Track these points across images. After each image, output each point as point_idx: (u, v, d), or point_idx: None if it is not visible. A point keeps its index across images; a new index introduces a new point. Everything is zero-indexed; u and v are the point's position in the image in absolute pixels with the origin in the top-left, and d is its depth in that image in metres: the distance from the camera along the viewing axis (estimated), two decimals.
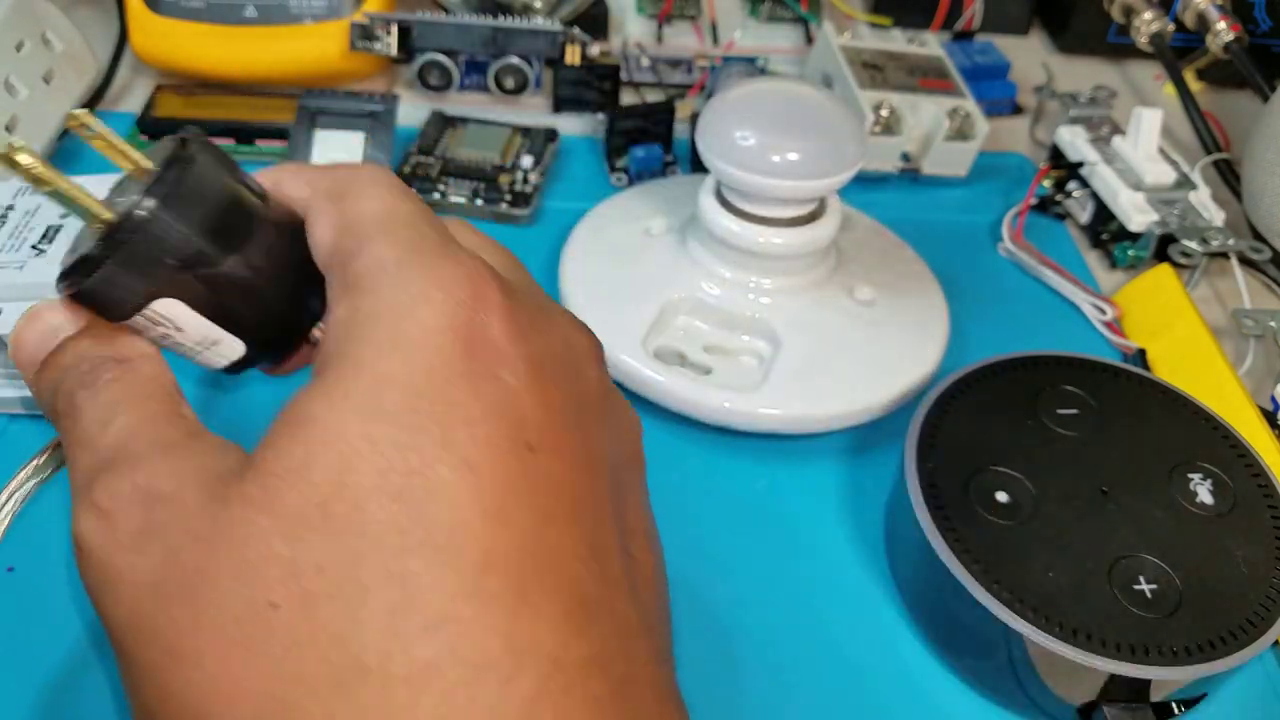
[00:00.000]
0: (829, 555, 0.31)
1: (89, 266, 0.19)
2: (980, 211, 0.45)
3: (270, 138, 0.43)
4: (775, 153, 0.32)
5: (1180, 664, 0.25)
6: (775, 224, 0.34)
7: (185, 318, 0.21)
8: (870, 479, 0.33)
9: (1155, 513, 0.28)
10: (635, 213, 0.39)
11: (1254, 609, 0.26)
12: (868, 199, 0.43)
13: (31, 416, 0.33)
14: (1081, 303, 0.41)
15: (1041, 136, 0.50)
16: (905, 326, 0.36)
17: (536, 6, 0.48)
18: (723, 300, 0.35)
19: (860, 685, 0.28)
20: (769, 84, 0.35)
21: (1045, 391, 0.31)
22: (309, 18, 0.45)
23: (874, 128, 0.44)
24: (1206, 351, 0.36)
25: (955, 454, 0.29)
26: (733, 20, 0.54)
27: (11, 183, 0.36)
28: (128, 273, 0.20)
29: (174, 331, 0.21)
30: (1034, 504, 0.28)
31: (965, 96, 0.46)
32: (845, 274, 0.36)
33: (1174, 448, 0.30)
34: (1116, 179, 0.43)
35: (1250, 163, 0.43)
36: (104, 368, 0.20)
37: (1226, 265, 0.42)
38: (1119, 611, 0.26)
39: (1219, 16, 0.48)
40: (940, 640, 0.29)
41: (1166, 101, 0.53)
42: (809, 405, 0.33)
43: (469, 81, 0.47)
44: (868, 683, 0.29)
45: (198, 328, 0.21)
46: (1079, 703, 0.26)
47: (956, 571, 0.26)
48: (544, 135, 0.45)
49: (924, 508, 0.28)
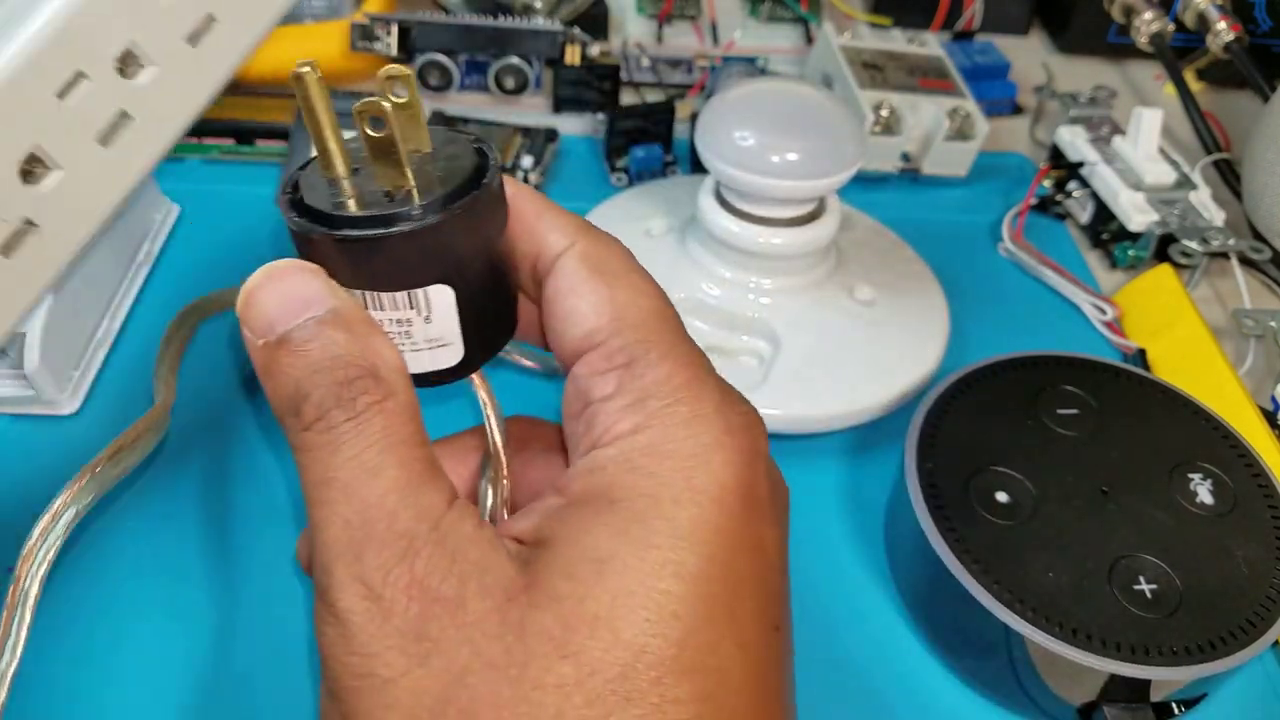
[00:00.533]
0: (829, 555, 0.31)
1: (396, 222, 0.19)
2: (980, 211, 0.45)
3: (270, 138, 0.43)
4: (775, 153, 0.32)
5: (1180, 664, 0.25)
6: (775, 224, 0.34)
7: (444, 309, 0.20)
8: (870, 479, 0.33)
9: (1155, 513, 0.28)
10: (635, 213, 0.39)
11: (1254, 609, 0.26)
12: (868, 199, 0.43)
13: (32, 416, 0.33)
14: (1081, 303, 0.41)
15: (1041, 136, 0.50)
16: (905, 326, 0.36)
17: (536, 6, 0.48)
18: (723, 300, 0.35)
19: (860, 685, 0.28)
20: (769, 84, 0.35)
21: (1045, 391, 0.31)
22: (309, 18, 0.45)
23: (874, 128, 0.44)
24: (1206, 351, 0.36)
25: (955, 454, 0.29)
26: (733, 20, 0.54)
27: None
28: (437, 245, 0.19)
29: (421, 322, 0.20)
30: (1034, 504, 0.28)
31: (965, 96, 0.46)
32: (845, 274, 0.36)
33: (1174, 448, 0.30)
34: (1116, 179, 0.43)
35: (1250, 163, 0.43)
36: (362, 384, 0.19)
37: (1226, 265, 0.42)
38: (1119, 611, 0.26)
39: (1219, 16, 0.48)
40: (940, 640, 0.29)
41: (1166, 101, 0.53)
42: (809, 405, 0.33)
43: (469, 81, 0.47)
44: (867, 682, 0.29)
45: (446, 323, 0.20)
46: (1079, 703, 0.26)
47: (956, 571, 0.26)
48: (544, 135, 0.45)
49: (924, 508, 0.28)
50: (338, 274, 0.19)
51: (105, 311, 0.35)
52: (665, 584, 0.18)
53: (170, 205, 0.40)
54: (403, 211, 0.19)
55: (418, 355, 0.21)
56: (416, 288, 0.20)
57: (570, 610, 0.17)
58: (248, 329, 0.19)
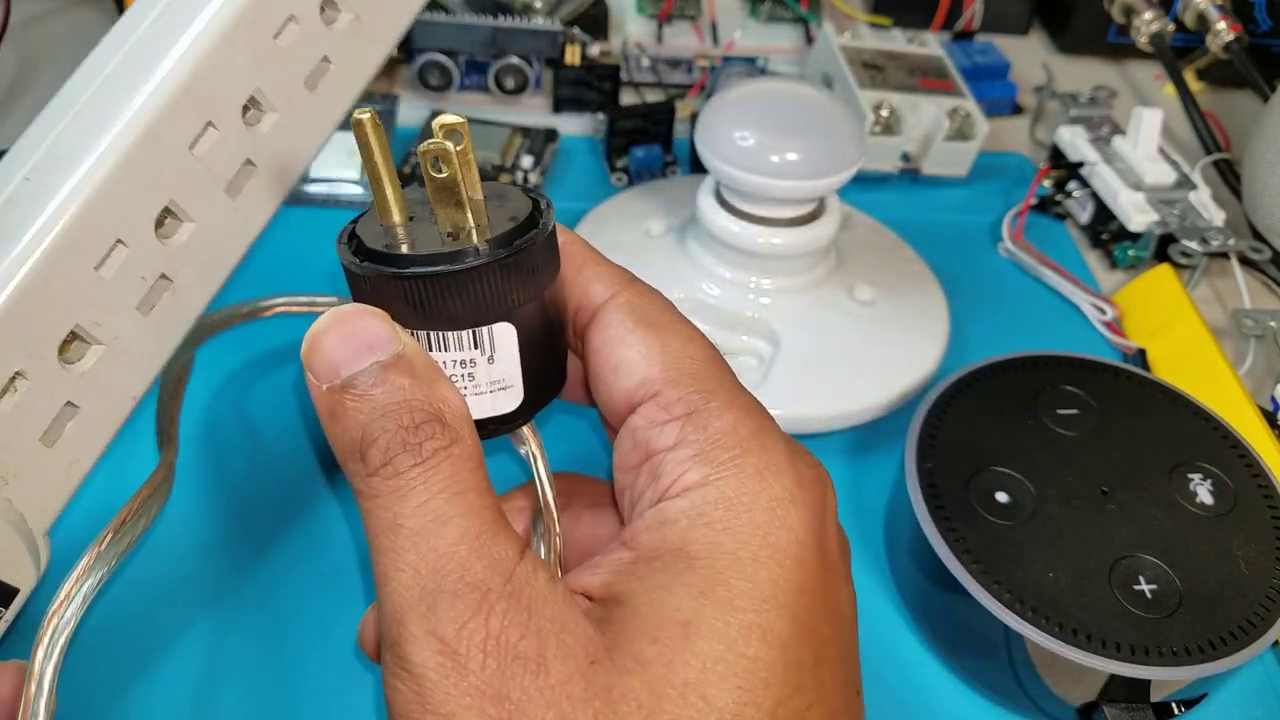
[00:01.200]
0: None
1: (461, 259, 0.19)
2: (980, 211, 0.45)
3: None
4: (775, 153, 0.32)
5: (1180, 664, 0.25)
6: (775, 224, 0.34)
7: (507, 348, 0.20)
8: (870, 479, 0.33)
9: (1155, 513, 0.28)
10: (635, 213, 0.39)
11: (1254, 609, 0.26)
12: (868, 199, 0.43)
13: None
14: (1081, 303, 0.41)
15: (1041, 136, 0.50)
16: (905, 326, 0.36)
17: (536, 6, 0.47)
18: (723, 300, 0.35)
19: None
20: (769, 84, 0.35)
21: (1045, 391, 0.31)
22: None
23: (874, 128, 0.44)
24: (1206, 351, 0.36)
25: (955, 454, 0.29)
26: (733, 20, 0.54)
27: None
28: (501, 285, 0.19)
29: (485, 363, 0.20)
30: (1034, 504, 0.28)
31: (965, 96, 0.46)
32: (845, 274, 0.36)
33: (1174, 448, 0.30)
34: (1116, 179, 0.43)
35: (1250, 163, 0.43)
36: (429, 429, 0.18)
37: (1226, 265, 0.42)
38: (1119, 611, 0.26)
39: (1219, 16, 0.48)
40: (940, 640, 0.29)
41: (1166, 101, 0.53)
42: (809, 405, 0.33)
43: (469, 81, 0.47)
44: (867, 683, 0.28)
45: (508, 363, 0.20)
46: (1079, 703, 0.26)
47: (956, 571, 0.26)
48: (544, 135, 0.45)
49: (924, 508, 0.28)
50: (401, 317, 0.19)
51: None
52: (753, 649, 0.17)
53: None
54: (469, 248, 0.19)
55: (480, 399, 0.21)
56: (481, 325, 0.20)
57: (659, 676, 0.17)
58: (311, 373, 0.19)
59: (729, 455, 0.19)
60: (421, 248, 0.19)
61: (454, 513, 0.18)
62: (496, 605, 0.17)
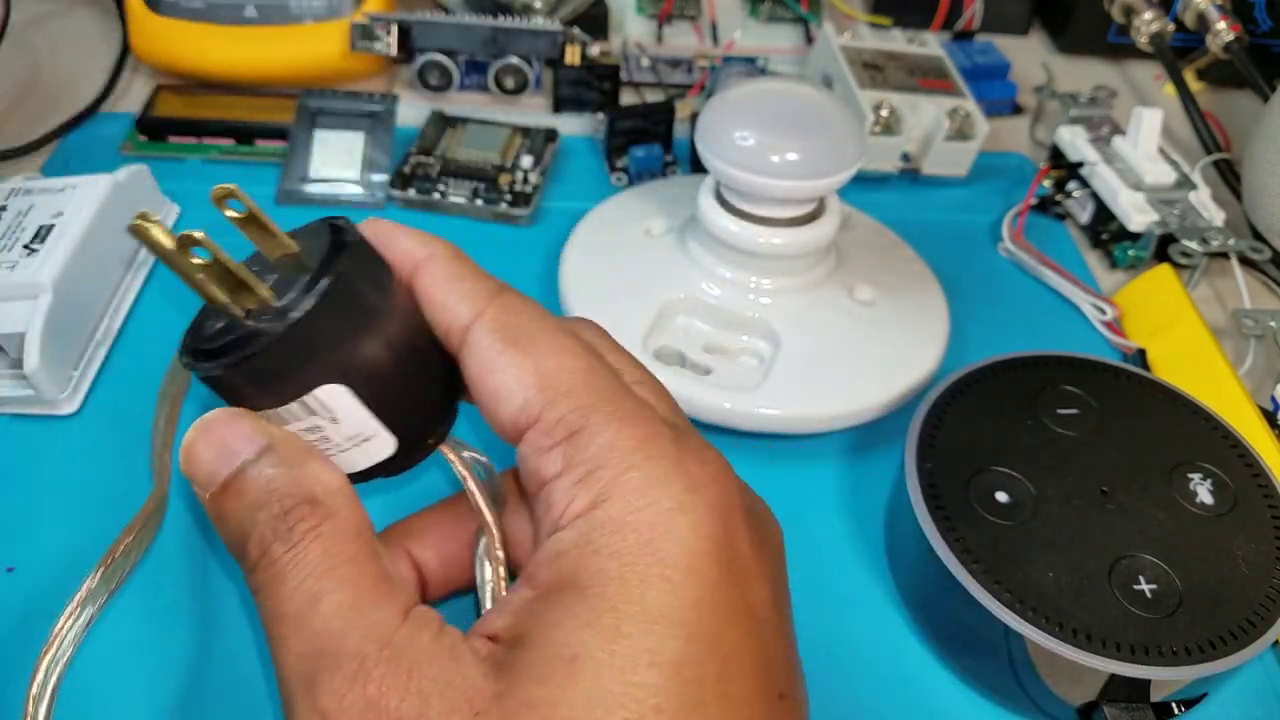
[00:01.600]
0: (829, 555, 0.31)
1: (249, 344, 0.18)
2: (980, 211, 0.45)
3: (270, 138, 0.43)
4: (775, 153, 0.32)
5: (1180, 664, 0.25)
6: (775, 224, 0.34)
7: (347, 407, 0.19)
8: (870, 479, 0.33)
9: (1155, 513, 0.28)
10: (635, 213, 0.39)
11: (1254, 609, 0.26)
12: (868, 199, 0.43)
13: (32, 416, 0.33)
14: (1081, 303, 0.41)
15: (1041, 136, 0.50)
16: (905, 326, 0.36)
17: (536, 6, 0.47)
18: (722, 300, 0.35)
19: (860, 685, 0.28)
20: (769, 84, 0.35)
21: (1045, 391, 0.31)
22: (309, 18, 0.45)
23: (874, 128, 0.44)
24: (1206, 351, 0.36)
25: (955, 454, 0.29)
26: (733, 20, 0.54)
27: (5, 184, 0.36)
28: (297, 353, 0.18)
29: (328, 424, 0.19)
30: (1034, 504, 0.28)
31: (965, 96, 0.46)
32: (845, 274, 0.36)
33: (1174, 448, 0.30)
34: (1116, 179, 0.43)
35: (1250, 163, 0.43)
36: (298, 513, 0.18)
37: (1226, 265, 0.42)
38: (1119, 611, 0.26)
39: (1219, 16, 0.48)
40: (940, 640, 0.29)
41: (1166, 101, 0.53)
42: (809, 405, 0.33)
43: (469, 81, 0.47)
44: (867, 682, 0.29)
45: (355, 418, 0.20)
46: (1079, 703, 0.26)
47: (956, 571, 0.26)
48: (544, 135, 0.45)
49: (924, 508, 0.28)
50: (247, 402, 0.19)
51: (105, 311, 0.35)
52: (640, 675, 0.17)
53: (170, 205, 0.40)
54: (250, 329, 0.18)
55: (347, 455, 0.20)
56: (300, 395, 0.19)
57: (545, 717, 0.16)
58: (195, 486, 0.19)
59: (612, 474, 0.18)
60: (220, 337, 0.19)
61: (327, 589, 0.18)
62: (374, 671, 0.17)
